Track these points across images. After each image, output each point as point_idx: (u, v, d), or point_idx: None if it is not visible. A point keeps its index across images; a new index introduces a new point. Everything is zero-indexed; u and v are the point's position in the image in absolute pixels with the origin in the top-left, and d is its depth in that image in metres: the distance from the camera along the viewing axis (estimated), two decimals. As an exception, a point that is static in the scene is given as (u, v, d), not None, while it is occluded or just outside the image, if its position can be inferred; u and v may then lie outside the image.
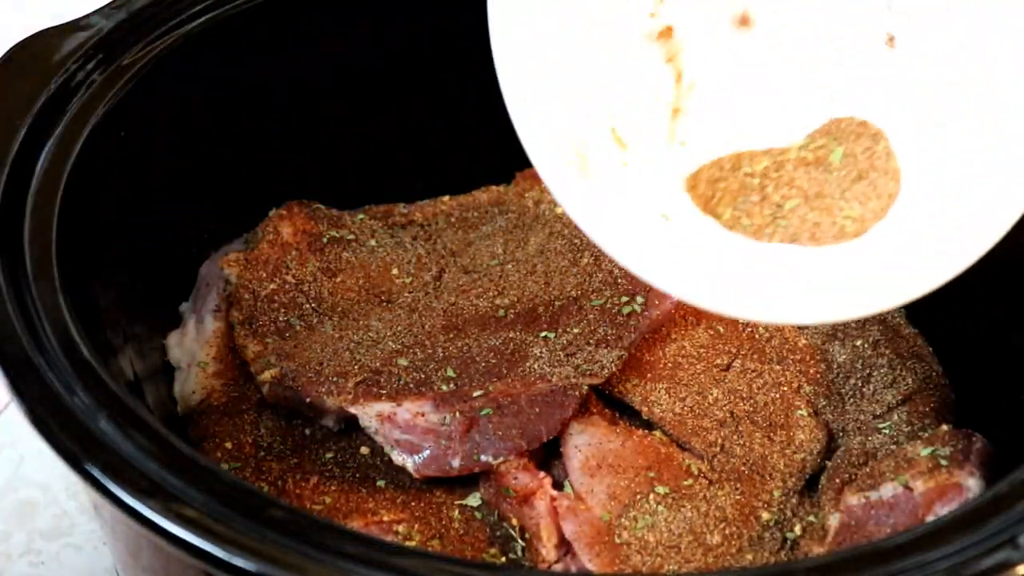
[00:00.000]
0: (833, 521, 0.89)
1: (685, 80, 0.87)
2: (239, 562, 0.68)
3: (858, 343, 1.04)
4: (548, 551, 0.89)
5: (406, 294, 1.06)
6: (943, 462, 0.89)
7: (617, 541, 0.88)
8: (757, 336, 1.03)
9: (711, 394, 0.98)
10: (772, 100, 0.89)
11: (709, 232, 0.85)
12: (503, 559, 0.89)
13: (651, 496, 0.91)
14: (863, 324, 1.05)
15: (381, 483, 0.93)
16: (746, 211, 0.84)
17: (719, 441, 0.95)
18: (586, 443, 0.93)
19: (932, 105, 0.86)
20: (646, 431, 0.96)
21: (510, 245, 1.09)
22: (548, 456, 0.94)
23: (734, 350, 1.02)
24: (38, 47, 0.95)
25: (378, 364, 0.97)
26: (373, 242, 1.10)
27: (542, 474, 0.91)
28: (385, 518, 0.90)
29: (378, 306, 1.05)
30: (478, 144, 1.15)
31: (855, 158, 0.86)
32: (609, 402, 0.98)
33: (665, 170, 0.86)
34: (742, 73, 0.89)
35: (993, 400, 0.99)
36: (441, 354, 0.98)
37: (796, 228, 0.83)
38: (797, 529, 0.91)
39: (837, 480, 0.92)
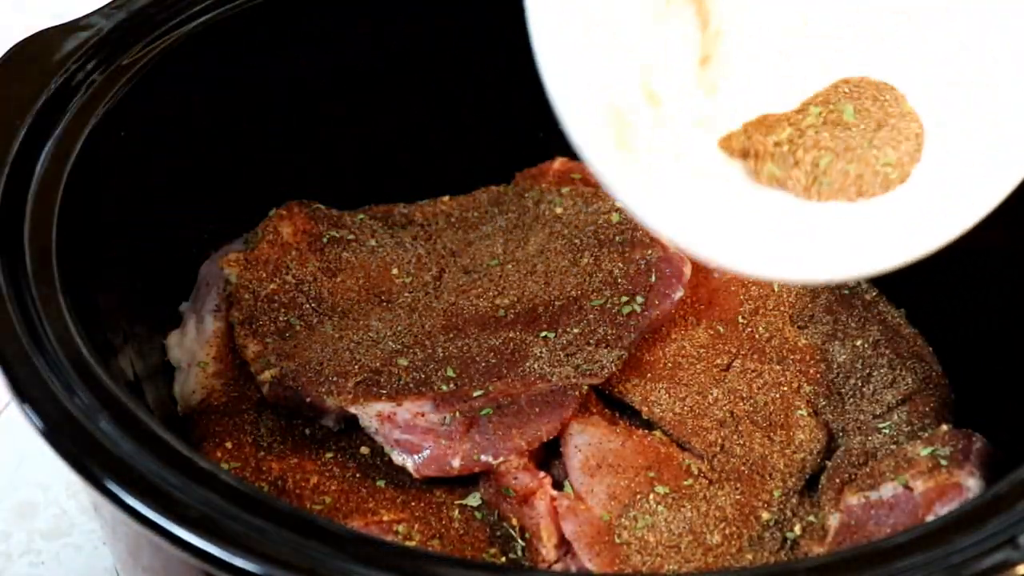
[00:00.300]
0: (833, 521, 0.89)
1: (711, 27, 0.86)
2: (239, 562, 0.68)
3: (858, 343, 1.04)
4: (548, 551, 0.89)
5: (406, 294, 1.06)
6: (943, 462, 0.89)
7: (617, 541, 0.88)
8: (757, 336, 1.03)
9: (711, 394, 0.98)
10: (791, 55, 0.89)
11: (750, 193, 0.85)
12: (503, 559, 0.89)
13: (651, 496, 0.91)
14: (863, 324, 1.05)
15: (381, 483, 0.93)
16: (789, 172, 0.84)
17: (719, 441, 0.96)
18: (586, 443, 0.93)
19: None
20: (646, 431, 0.96)
21: (510, 245, 1.09)
22: (548, 456, 0.95)
23: (734, 350, 1.02)
24: (38, 47, 0.95)
25: (378, 364, 0.97)
26: (373, 242, 1.10)
27: (542, 474, 0.91)
28: (385, 518, 0.90)
29: (378, 306, 1.05)
30: (478, 144, 1.15)
31: (867, 111, 0.86)
32: (609, 402, 0.98)
33: (700, 122, 0.86)
34: (765, 25, 0.88)
35: (993, 400, 0.99)
36: (441, 354, 0.98)
37: (840, 183, 0.83)
38: (797, 529, 0.91)
39: (837, 480, 0.92)
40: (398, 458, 0.92)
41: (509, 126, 1.16)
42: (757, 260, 0.80)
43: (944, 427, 0.94)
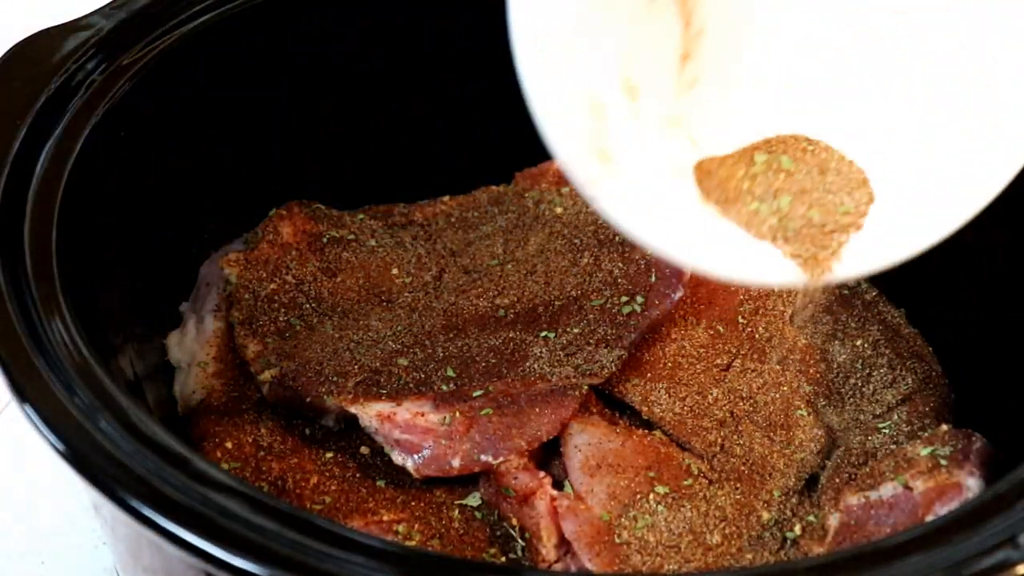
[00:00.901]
0: (833, 521, 0.89)
1: (694, 26, 0.87)
2: (239, 562, 0.68)
3: (858, 343, 1.04)
4: (548, 551, 0.89)
5: (406, 294, 1.06)
6: (943, 462, 0.89)
7: (617, 541, 0.88)
8: (757, 336, 1.03)
9: (711, 394, 0.98)
10: (771, 58, 0.89)
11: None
12: (503, 559, 0.89)
13: (651, 496, 0.91)
14: (863, 324, 1.05)
15: (381, 483, 0.93)
16: (757, 211, 0.85)
17: (719, 441, 0.96)
18: (586, 443, 0.93)
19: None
20: (646, 431, 0.96)
21: (510, 245, 1.09)
22: (548, 456, 0.95)
23: (734, 350, 1.02)
24: (38, 47, 0.95)
25: (378, 364, 0.97)
26: (373, 242, 1.10)
27: (542, 474, 0.91)
28: (385, 518, 0.90)
29: (378, 306, 1.05)
30: (478, 144, 1.15)
31: (803, 160, 0.87)
32: (609, 402, 0.99)
33: (674, 119, 0.86)
34: (747, 27, 0.89)
35: (993, 400, 0.99)
36: (441, 354, 0.98)
37: (806, 230, 0.84)
38: (797, 529, 0.91)
39: (837, 480, 0.92)
40: (398, 458, 0.92)
41: (509, 126, 1.16)
42: (730, 264, 0.81)
43: (944, 427, 0.94)
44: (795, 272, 0.82)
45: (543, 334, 0.99)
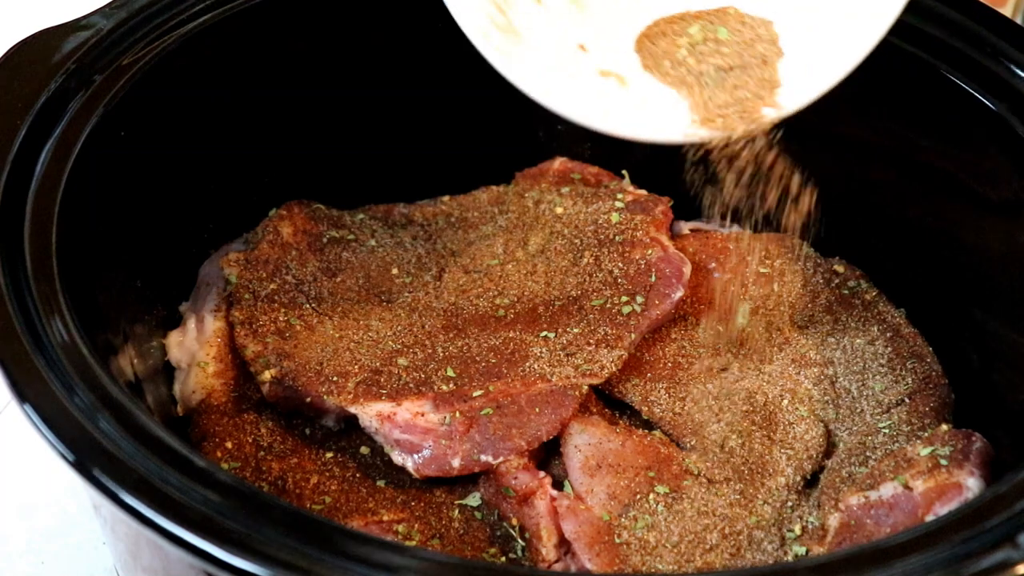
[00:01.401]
0: (833, 521, 0.89)
1: None
2: (239, 562, 0.68)
3: (858, 343, 1.04)
4: (548, 551, 0.89)
5: (406, 294, 1.06)
6: (943, 462, 0.89)
7: (617, 541, 0.88)
8: (757, 336, 1.03)
9: (711, 394, 0.98)
10: None
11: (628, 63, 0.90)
12: (503, 559, 0.89)
13: (651, 496, 0.91)
14: (863, 324, 1.05)
15: (381, 483, 0.93)
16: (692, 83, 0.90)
17: (719, 441, 0.96)
18: (586, 443, 0.93)
19: None
20: (646, 431, 0.96)
21: (510, 245, 1.09)
22: (548, 456, 0.95)
23: (734, 350, 1.02)
24: (38, 47, 0.95)
25: (378, 364, 0.97)
26: (373, 242, 1.10)
27: (542, 474, 0.91)
28: (385, 518, 0.90)
29: (378, 306, 1.05)
30: (478, 144, 1.15)
31: (739, 32, 0.90)
32: (609, 402, 0.99)
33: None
34: None
35: (993, 400, 0.99)
36: (441, 354, 0.98)
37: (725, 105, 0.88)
38: (797, 529, 0.91)
39: (837, 480, 0.92)
40: (398, 458, 0.92)
41: (509, 126, 1.16)
42: (633, 123, 0.86)
43: (944, 427, 0.94)
44: (695, 128, 0.87)
45: (543, 334, 0.99)
